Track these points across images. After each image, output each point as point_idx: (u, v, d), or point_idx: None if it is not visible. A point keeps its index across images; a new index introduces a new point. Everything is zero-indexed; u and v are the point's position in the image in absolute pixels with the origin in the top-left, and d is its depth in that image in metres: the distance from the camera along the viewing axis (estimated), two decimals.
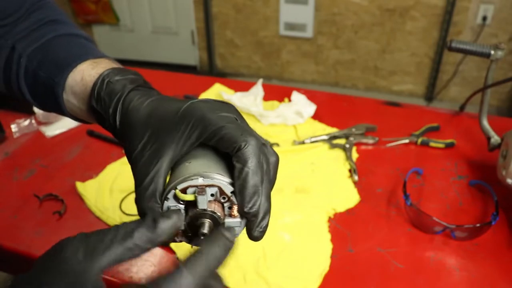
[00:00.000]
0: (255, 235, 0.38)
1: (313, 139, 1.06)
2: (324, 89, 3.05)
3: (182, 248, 0.79)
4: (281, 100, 1.25)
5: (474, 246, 0.79)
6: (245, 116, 0.38)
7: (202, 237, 0.35)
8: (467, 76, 2.81)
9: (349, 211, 0.87)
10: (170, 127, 0.38)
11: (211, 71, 3.45)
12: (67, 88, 0.46)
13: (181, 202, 0.37)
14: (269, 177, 0.39)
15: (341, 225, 0.84)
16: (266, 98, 1.25)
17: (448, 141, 1.04)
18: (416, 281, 0.73)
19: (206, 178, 0.36)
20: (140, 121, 0.40)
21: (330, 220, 0.85)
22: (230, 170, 0.38)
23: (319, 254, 0.78)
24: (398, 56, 2.89)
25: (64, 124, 1.13)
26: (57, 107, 0.48)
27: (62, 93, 0.47)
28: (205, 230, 0.35)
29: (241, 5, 3.06)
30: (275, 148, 1.05)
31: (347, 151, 1.02)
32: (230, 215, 0.37)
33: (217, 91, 1.29)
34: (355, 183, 0.94)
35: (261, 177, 0.37)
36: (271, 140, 1.08)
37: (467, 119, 1.15)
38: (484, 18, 2.56)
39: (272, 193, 0.39)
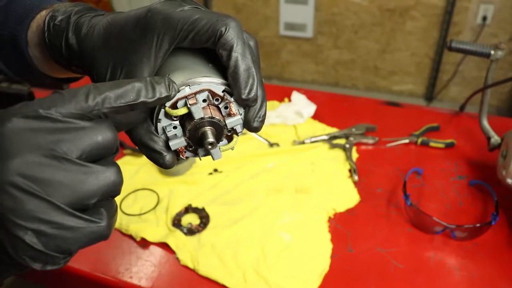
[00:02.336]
0: (254, 125, 0.36)
1: (313, 139, 1.06)
2: (324, 89, 3.05)
3: (183, 248, 0.79)
4: (281, 100, 1.25)
5: (474, 246, 0.79)
6: None
7: (209, 147, 0.33)
8: (467, 76, 2.81)
9: (349, 211, 0.87)
10: (135, 43, 0.34)
11: None
12: (30, 42, 0.43)
13: (175, 118, 0.34)
14: (256, 61, 0.36)
15: (341, 225, 0.84)
16: (266, 98, 1.25)
17: (448, 141, 1.04)
18: (416, 281, 0.73)
19: (193, 85, 0.33)
20: (99, 46, 0.36)
21: (330, 220, 0.85)
22: (215, 66, 0.35)
23: (319, 254, 0.78)
24: (398, 56, 2.89)
25: None
26: (26, 66, 0.45)
27: (26, 47, 0.43)
28: (211, 138, 0.33)
29: (241, 5, 3.06)
30: (275, 148, 1.05)
31: (347, 151, 1.02)
32: (230, 115, 0.35)
33: None
34: (355, 183, 0.94)
35: (251, 59, 0.34)
36: (271, 140, 1.08)
37: (467, 119, 1.16)
38: (484, 18, 2.56)
39: (272, 193, 0.38)
